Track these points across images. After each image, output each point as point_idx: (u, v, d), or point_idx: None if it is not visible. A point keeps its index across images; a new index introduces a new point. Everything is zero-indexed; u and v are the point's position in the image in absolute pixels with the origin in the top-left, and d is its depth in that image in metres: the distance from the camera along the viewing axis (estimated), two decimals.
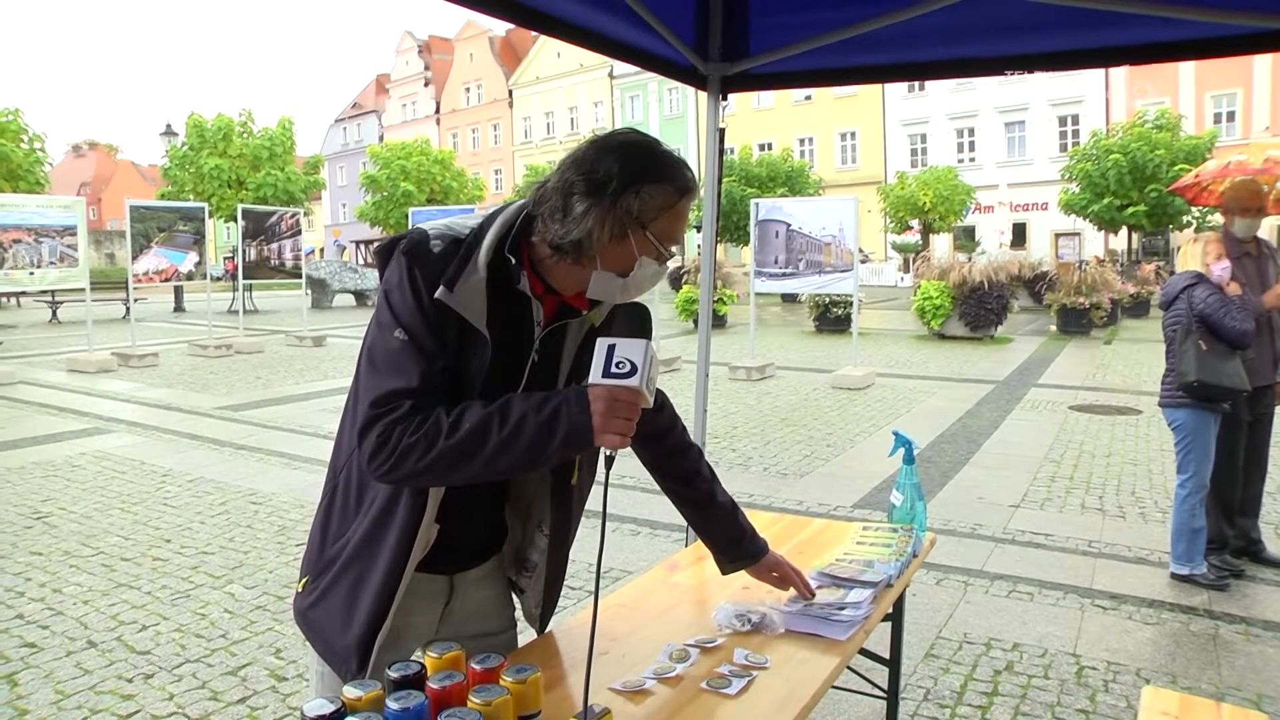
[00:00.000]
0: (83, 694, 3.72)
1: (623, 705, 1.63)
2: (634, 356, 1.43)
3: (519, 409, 1.47)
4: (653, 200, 1.53)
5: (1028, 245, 39.36)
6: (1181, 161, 27.02)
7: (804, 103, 47.15)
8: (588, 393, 1.44)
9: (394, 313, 1.53)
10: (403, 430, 1.47)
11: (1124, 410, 9.91)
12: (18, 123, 30.07)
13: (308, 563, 1.76)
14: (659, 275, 1.62)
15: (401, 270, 1.54)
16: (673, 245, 1.60)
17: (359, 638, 1.63)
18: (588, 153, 1.55)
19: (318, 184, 38.18)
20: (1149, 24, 2.81)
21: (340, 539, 1.68)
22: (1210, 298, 4.61)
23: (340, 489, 1.70)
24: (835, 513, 6.19)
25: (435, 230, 1.59)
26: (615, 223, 1.51)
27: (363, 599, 1.63)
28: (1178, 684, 3.72)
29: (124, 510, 6.44)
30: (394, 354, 1.51)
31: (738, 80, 3.44)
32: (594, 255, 1.54)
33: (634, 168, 1.52)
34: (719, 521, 2.12)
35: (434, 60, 67.02)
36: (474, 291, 1.53)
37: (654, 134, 1.61)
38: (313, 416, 10.10)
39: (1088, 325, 17.99)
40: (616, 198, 1.50)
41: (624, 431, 1.43)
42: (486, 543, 1.85)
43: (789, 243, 12.83)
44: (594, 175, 1.51)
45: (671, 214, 1.56)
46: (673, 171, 1.55)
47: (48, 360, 15.66)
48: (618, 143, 1.56)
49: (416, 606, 1.71)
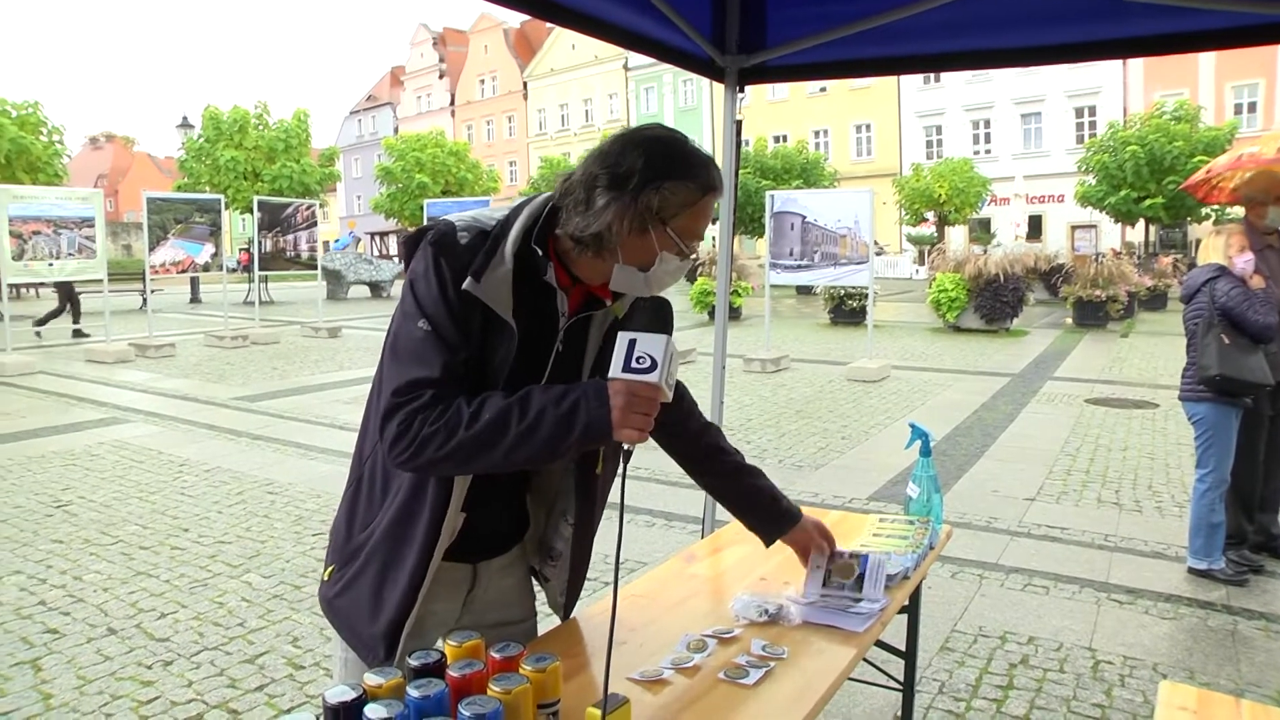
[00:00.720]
0: (104, 680, 3.76)
1: (641, 695, 1.64)
2: (654, 352, 1.43)
3: (539, 402, 1.47)
4: (674, 197, 1.52)
5: (1044, 237, 39.15)
6: (1200, 153, 26.81)
7: (819, 94, 46.97)
8: (607, 387, 1.45)
9: (419, 303, 1.54)
10: (424, 419, 1.48)
11: (1141, 404, 9.86)
12: (37, 115, 30.23)
13: (333, 551, 1.76)
14: (681, 271, 1.61)
15: (428, 261, 1.55)
16: (695, 242, 1.59)
17: (387, 626, 1.64)
18: (613, 147, 1.55)
19: (333, 176, 38.28)
20: (1168, 14, 2.79)
21: (366, 528, 1.68)
22: (1233, 291, 4.57)
23: (366, 478, 1.71)
24: (851, 505, 6.19)
25: (462, 222, 1.59)
26: (636, 218, 1.51)
27: (390, 587, 1.64)
28: (1195, 679, 3.70)
29: (142, 499, 6.49)
30: (417, 344, 1.52)
31: (755, 72, 3.44)
32: (614, 249, 1.54)
33: (657, 164, 1.51)
34: (754, 488, 2.11)
35: (449, 52, 67.03)
36: (501, 282, 1.54)
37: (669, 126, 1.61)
38: (328, 407, 10.14)
39: (1104, 318, 17.89)
40: (638, 193, 1.50)
41: (642, 426, 1.44)
42: (508, 531, 1.86)
43: (804, 235, 12.79)
44: (617, 170, 1.51)
45: (693, 211, 1.55)
46: (697, 169, 1.54)
47: (66, 351, 15.76)
48: (643, 138, 1.56)
49: (439, 594, 1.72)
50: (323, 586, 1.78)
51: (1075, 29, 3.01)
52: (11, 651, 4.04)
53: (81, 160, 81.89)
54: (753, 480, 2.11)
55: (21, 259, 13.63)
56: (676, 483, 6.64)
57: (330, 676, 3.78)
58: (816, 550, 2.13)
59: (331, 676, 3.77)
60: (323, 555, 1.84)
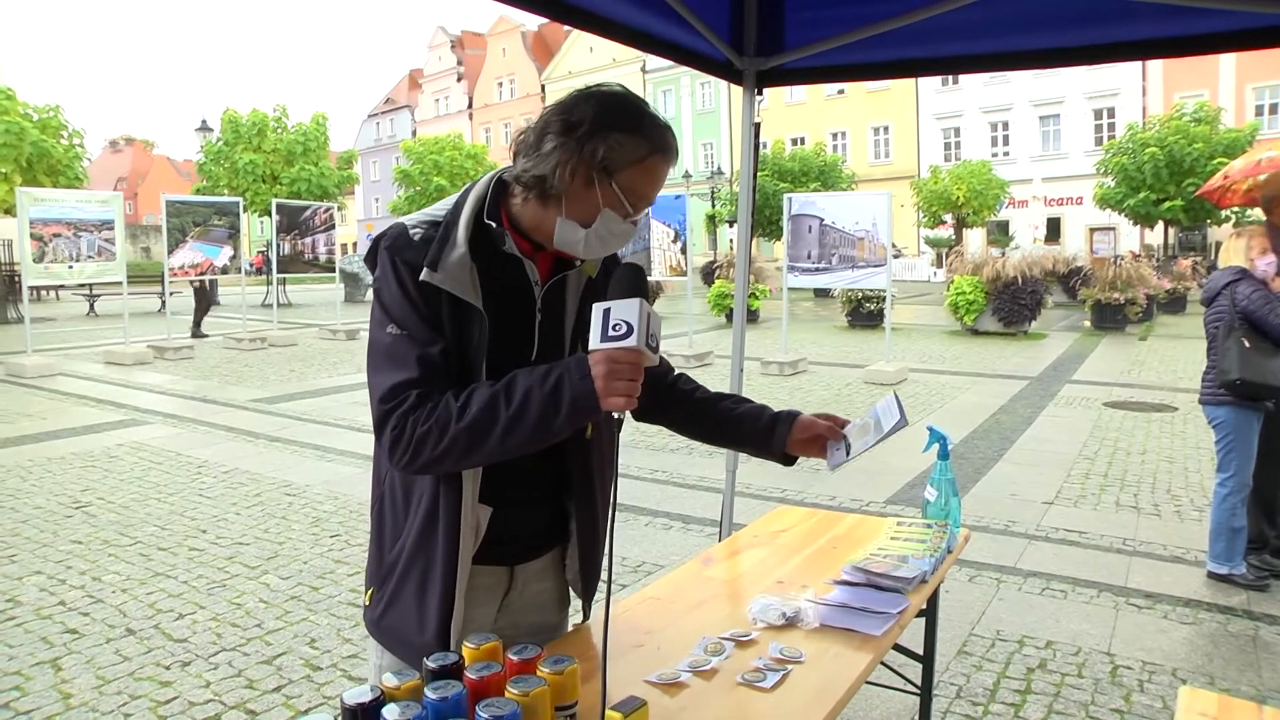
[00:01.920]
0: (122, 680, 3.79)
1: (658, 698, 1.63)
2: (628, 317, 1.41)
3: (523, 384, 1.48)
4: (621, 150, 1.52)
5: (1062, 240, 38.99)
6: (1220, 155, 26.64)
7: (837, 97, 46.90)
8: (587, 359, 1.44)
9: (385, 309, 1.56)
10: (415, 420, 1.50)
11: (1160, 407, 9.80)
12: (58, 119, 30.39)
13: (370, 575, 1.76)
14: (627, 235, 1.61)
15: (385, 265, 1.57)
16: (642, 204, 1.59)
17: (436, 632, 1.63)
18: (571, 98, 1.57)
19: (351, 179, 38.43)
20: (1188, 16, 2.77)
21: (396, 543, 1.68)
22: (1254, 294, 4.54)
23: (387, 495, 1.71)
24: (868, 508, 6.17)
25: (414, 220, 1.62)
26: (581, 165, 1.52)
27: (430, 594, 1.63)
28: (1215, 685, 3.68)
29: (161, 500, 6.53)
30: (390, 348, 1.54)
31: (773, 75, 3.43)
32: (559, 196, 1.55)
33: (608, 115, 1.52)
34: (739, 408, 2.03)
35: (466, 55, 67.25)
36: (458, 266, 1.55)
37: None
38: (346, 409, 10.18)
39: (1123, 321, 17.78)
40: (585, 140, 1.51)
41: (628, 393, 1.42)
42: (545, 531, 1.82)
43: (822, 237, 12.77)
44: (569, 117, 1.53)
45: (641, 169, 1.55)
46: (648, 127, 1.55)
47: (86, 352, 15.88)
48: (600, 92, 1.57)
49: (475, 599, 1.70)
50: (366, 611, 1.77)
51: (1094, 31, 3.00)
52: (32, 651, 4.07)
53: (101, 163, 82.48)
54: (734, 405, 2.04)
55: (42, 261, 13.74)
56: (694, 486, 6.64)
57: (348, 679, 3.80)
58: (829, 435, 2.00)
59: (348, 679, 3.79)
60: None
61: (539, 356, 1.66)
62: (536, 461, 1.67)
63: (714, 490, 6.47)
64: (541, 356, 1.65)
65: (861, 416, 2.01)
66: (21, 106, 28.72)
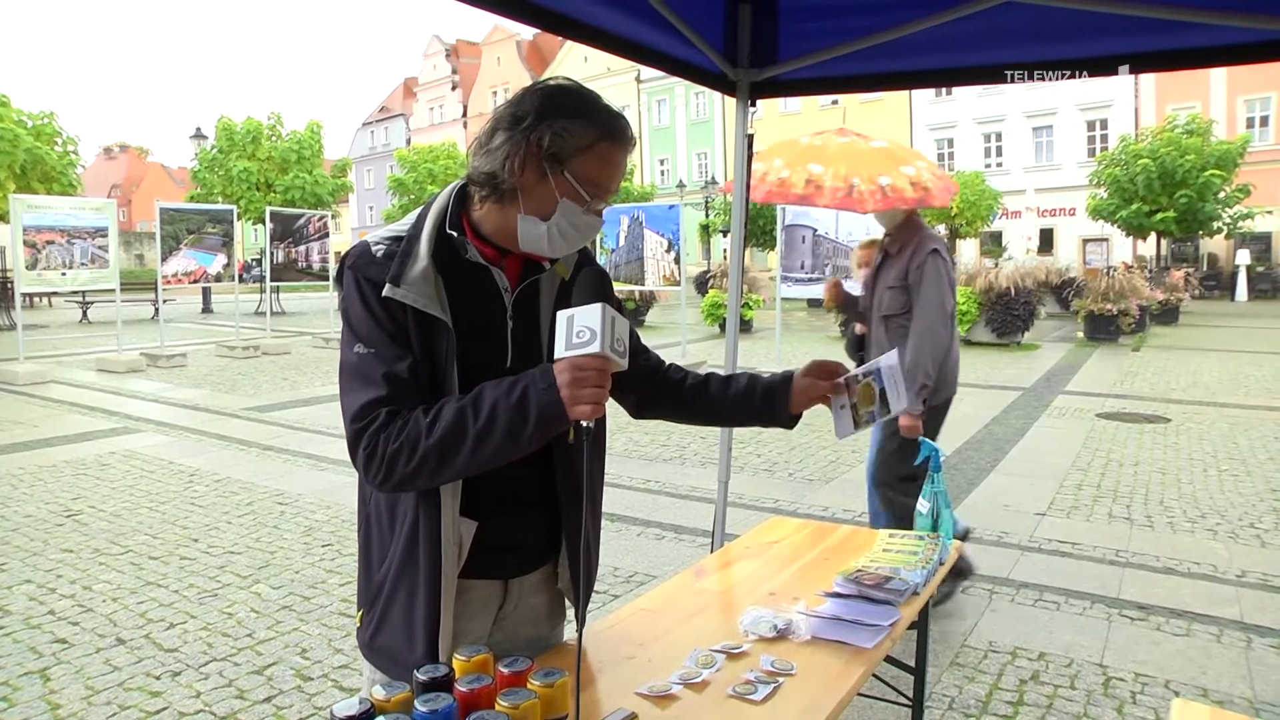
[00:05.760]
0: (112, 690, 3.76)
1: (649, 710, 1.63)
2: (590, 323, 1.40)
3: (490, 397, 1.47)
4: (569, 137, 1.52)
5: (1055, 251, 39.10)
6: (1212, 167, 26.78)
7: (830, 107, 46.95)
8: (552, 369, 1.44)
9: (352, 328, 1.57)
10: (385, 438, 1.49)
11: (1152, 418, 9.81)
12: (52, 125, 30.42)
13: (360, 596, 1.75)
14: (592, 228, 1.60)
15: (349, 284, 1.58)
16: (600, 193, 1.58)
17: (425, 650, 1.62)
18: (519, 93, 1.58)
19: (345, 187, 38.43)
20: (1179, 30, 2.79)
21: (383, 564, 1.67)
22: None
23: (373, 515, 1.70)
24: (861, 520, 6.16)
25: (377, 237, 1.62)
26: (530, 156, 1.52)
27: (417, 611, 1.62)
28: (1209, 697, 3.67)
29: (152, 509, 6.50)
30: (358, 367, 1.55)
31: (767, 86, 3.44)
32: (514, 192, 1.56)
33: (551, 106, 1.53)
34: (731, 388, 2.03)
35: (461, 64, 67.29)
36: (422, 279, 1.55)
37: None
38: (339, 418, 10.07)
39: (1115, 332, 17.83)
40: (530, 131, 1.51)
41: (595, 400, 1.41)
42: (538, 544, 1.80)
43: (815, 248, 12.80)
44: (516, 110, 1.54)
45: (591, 155, 1.54)
46: (594, 113, 1.55)
47: (78, 360, 15.83)
48: (547, 85, 1.57)
49: (469, 613, 1.70)
50: (359, 633, 1.75)
51: (1086, 44, 3.01)
52: (20, 661, 4.05)
53: (95, 170, 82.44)
54: (732, 381, 2.05)
55: (35, 268, 13.72)
56: (687, 496, 6.63)
57: (339, 689, 3.78)
58: (832, 393, 2.04)
59: (340, 690, 3.77)
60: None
61: (514, 365, 1.65)
62: (520, 471, 1.66)
63: (707, 500, 6.45)
64: (517, 364, 1.64)
65: (864, 366, 2.05)
66: (16, 113, 28.76)
